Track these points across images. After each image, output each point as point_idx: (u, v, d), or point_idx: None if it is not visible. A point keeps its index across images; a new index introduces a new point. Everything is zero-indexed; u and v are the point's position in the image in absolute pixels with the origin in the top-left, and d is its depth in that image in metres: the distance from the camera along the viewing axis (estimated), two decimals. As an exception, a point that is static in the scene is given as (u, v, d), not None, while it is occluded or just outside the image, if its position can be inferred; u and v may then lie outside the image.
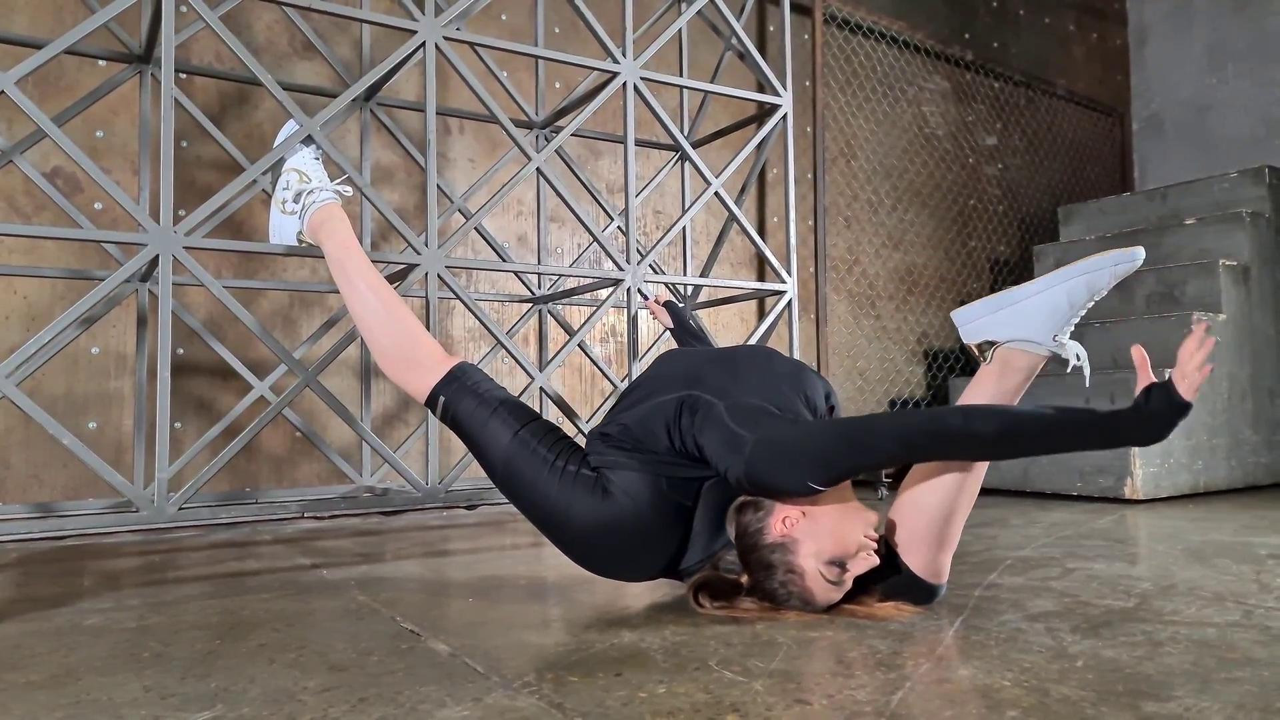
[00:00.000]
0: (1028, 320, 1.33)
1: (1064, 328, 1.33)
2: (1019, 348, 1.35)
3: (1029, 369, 1.35)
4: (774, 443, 1.25)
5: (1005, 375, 1.35)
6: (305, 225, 1.73)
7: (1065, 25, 4.85)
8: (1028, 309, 1.34)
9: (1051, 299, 1.32)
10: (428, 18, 1.90)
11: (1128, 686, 0.98)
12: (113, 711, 0.95)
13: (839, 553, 1.27)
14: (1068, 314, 1.33)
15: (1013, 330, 1.35)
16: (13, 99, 1.52)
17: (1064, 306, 1.32)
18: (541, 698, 0.97)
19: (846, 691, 0.97)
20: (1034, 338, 1.33)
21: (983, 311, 1.38)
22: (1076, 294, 1.32)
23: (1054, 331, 1.33)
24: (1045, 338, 1.33)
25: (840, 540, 1.27)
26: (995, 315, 1.36)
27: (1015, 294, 1.36)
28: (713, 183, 2.29)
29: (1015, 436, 1.15)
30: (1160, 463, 2.84)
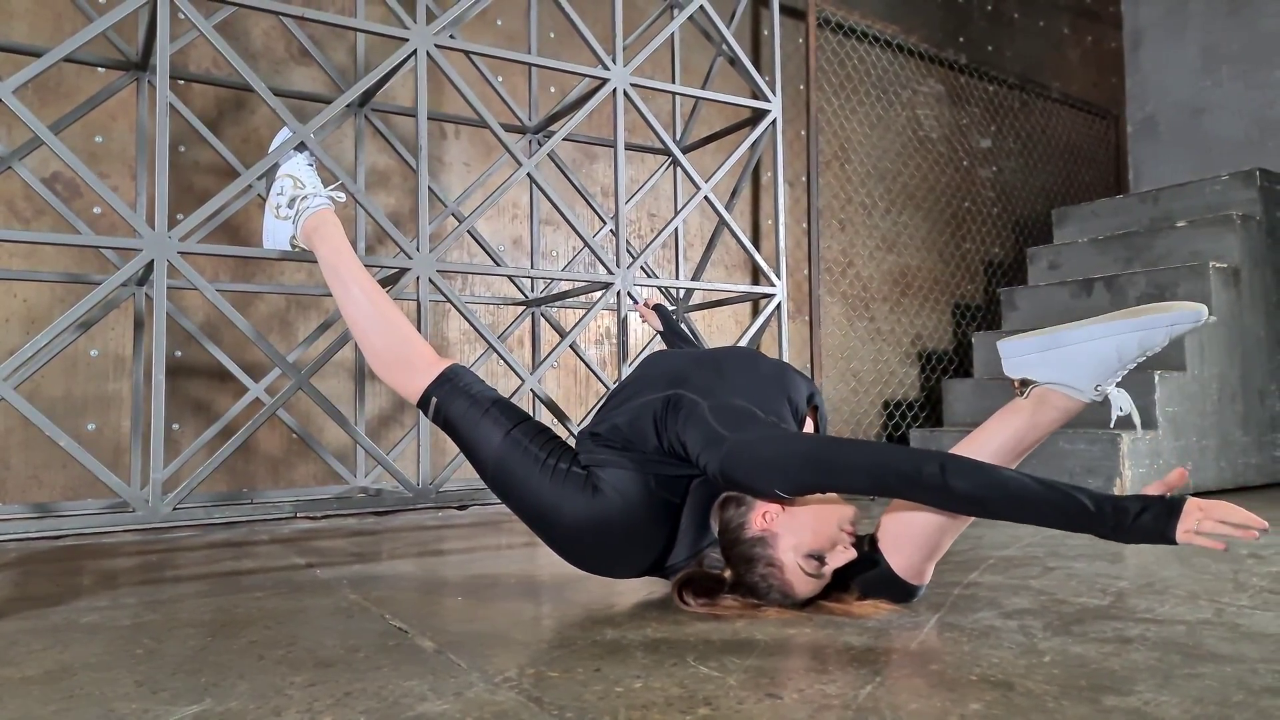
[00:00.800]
0: (1073, 367, 1.31)
1: (1108, 379, 1.30)
2: (1058, 390, 1.33)
3: (1065, 410, 1.33)
4: (751, 445, 1.28)
5: (1040, 412, 1.33)
6: (299, 230, 1.76)
7: (1060, 28, 4.87)
8: (1074, 355, 1.31)
9: (1100, 350, 1.29)
10: (419, 26, 1.93)
11: (1091, 681, 1.01)
12: (104, 705, 0.98)
13: (817, 546, 1.30)
14: (1115, 366, 1.30)
15: (1055, 374, 1.32)
16: (11, 108, 1.55)
17: (1112, 359, 1.29)
18: (521, 692, 1.00)
19: (817, 686, 1.00)
20: (1076, 384, 1.31)
21: (1029, 349, 1.35)
22: (1127, 348, 1.29)
23: (1097, 382, 1.30)
24: (1088, 386, 1.31)
25: (818, 534, 1.30)
26: (1041, 355, 1.34)
27: (1063, 337, 1.32)
28: (702, 187, 2.32)
29: (988, 501, 1.14)
30: (1149, 464, 2.87)
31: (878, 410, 3.89)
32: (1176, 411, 3.00)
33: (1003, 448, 1.34)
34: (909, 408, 3.96)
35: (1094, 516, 1.10)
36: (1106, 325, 1.30)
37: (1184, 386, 3.05)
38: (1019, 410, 1.35)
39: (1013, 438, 1.34)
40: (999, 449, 1.34)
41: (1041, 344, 1.34)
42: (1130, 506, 1.09)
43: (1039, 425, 1.33)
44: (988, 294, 4.34)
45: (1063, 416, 1.33)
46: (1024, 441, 1.34)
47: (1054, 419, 1.33)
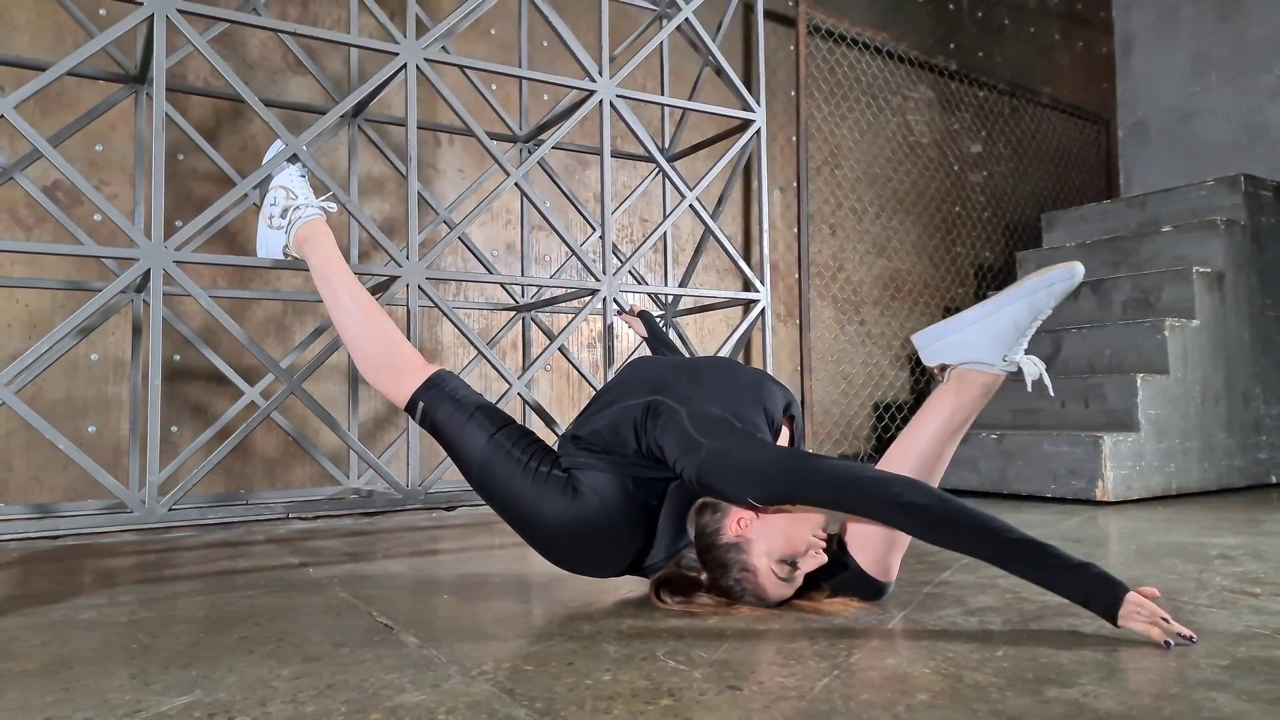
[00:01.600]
0: (977, 343, 1.40)
1: (1014, 347, 1.39)
2: (972, 368, 1.41)
3: (985, 386, 1.41)
4: (727, 453, 1.34)
5: (962, 391, 1.42)
6: (291, 240, 1.81)
7: (1051, 34, 4.92)
8: (976, 333, 1.41)
9: (997, 323, 1.39)
10: (409, 40, 1.98)
11: (1037, 674, 1.06)
12: (100, 697, 1.03)
13: (789, 551, 1.35)
14: (1015, 335, 1.39)
15: (965, 353, 1.41)
16: (13, 123, 1.61)
17: (1010, 329, 1.39)
18: (495, 684, 1.05)
19: (777, 679, 1.05)
20: (984, 359, 1.40)
21: (937, 336, 1.45)
22: (1020, 317, 1.38)
23: (1003, 352, 1.39)
24: (995, 359, 1.39)
25: (790, 540, 1.35)
26: (948, 339, 1.43)
27: (963, 319, 1.42)
28: (687, 196, 2.37)
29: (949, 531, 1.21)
30: (1131, 465, 2.91)
31: (868, 412, 3.94)
32: (1159, 414, 3.05)
33: (939, 430, 1.41)
34: (898, 410, 4.01)
35: (1049, 576, 1.19)
36: (996, 300, 1.40)
37: (1167, 389, 3.10)
38: (944, 394, 1.43)
39: (945, 420, 1.41)
40: (937, 431, 1.41)
41: (945, 329, 1.44)
42: (1088, 576, 1.18)
43: (965, 404, 1.41)
44: (978, 297, 4.39)
45: (984, 391, 1.42)
46: (955, 421, 1.42)
47: (977, 395, 1.41)
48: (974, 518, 1.21)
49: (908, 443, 1.43)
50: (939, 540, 1.22)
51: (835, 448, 3.83)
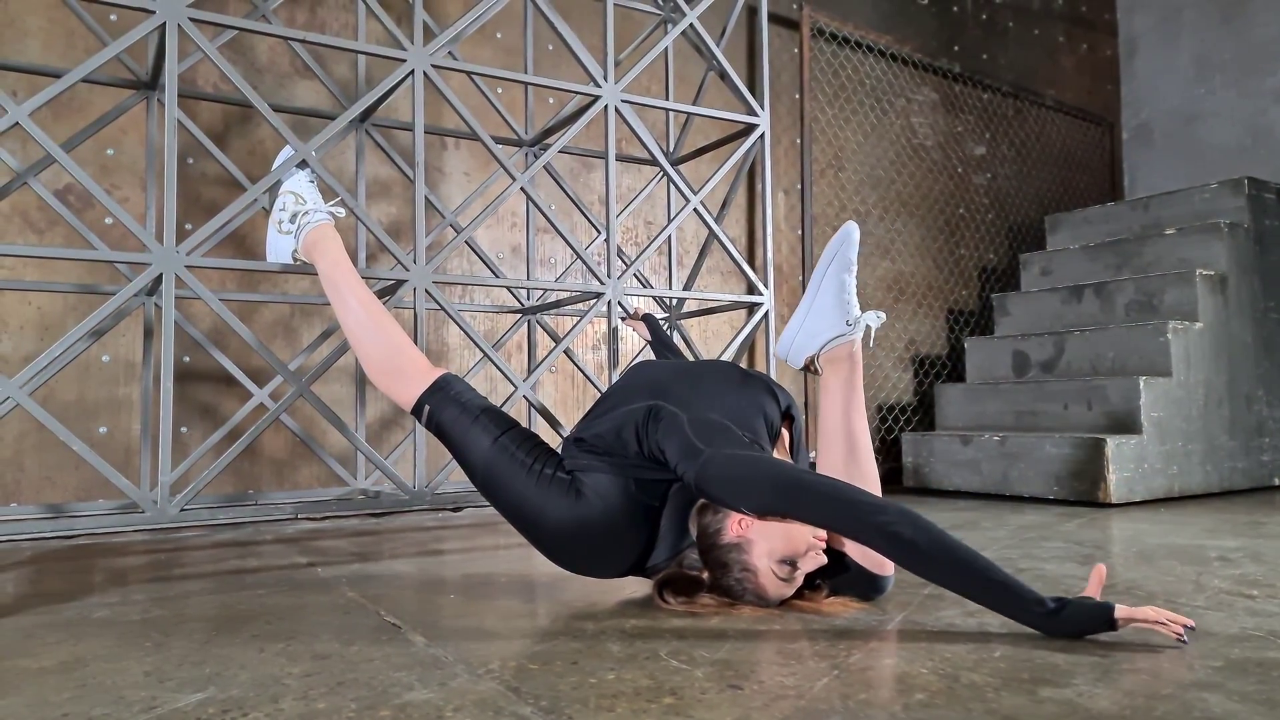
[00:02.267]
0: (820, 325, 1.56)
1: (848, 309, 1.55)
2: (831, 346, 1.56)
3: (849, 356, 1.56)
4: (726, 462, 1.37)
5: (837, 371, 1.55)
6: (300, 244, 1.84)
7: (1055, 37, 4.93)
8: (815, 318, 1.57)
9: (824, 301, 1.56)
10: (416, 47, 2.01)
11: (1033, 675, 1.08)
12: (115, 693, 1.06)
13: (789, 552, 1.37)
14: (843, 297, 1.55)
15: (817, 339, 1.57)
16: (27, 130, 1.63)
17: (835, 298, 1.56)
18: (501, 682, 1.07)
19: (777, 678, 1.07)
20: (834, 333, 1.55)
21: (789, 340, 1.61)
22: (836, 281, 1.56)
23: (844, 318, 1.55)
24: (841, 327, 1.55)
25: (790, 541, 1.37)
26: (799, 338, 1.59)
27: (798, 316, 1.60)
28: (691, 200, 2.40)
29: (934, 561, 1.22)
30: (1134, 468, 2.93)
31: (871, 413, 3.96)
32: (1162, 416, 3.06)
33: (840, 412, 1.53)
34: (902, 411, 4.02)
35: (1031, 601, 1.22)
36: (812, 283, 1.59)
37: (1170, 392, 3.11)
38: (825, 382, 1.56)
39: (840, 401, 1.54)
40: (839, 414, 1.52)
41: (791, 331, 1.61)
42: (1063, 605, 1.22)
43: (844, 378, 1.54)
44: (981, 299, 4.40)
45: (851, 360, 1.56)
46: (847, 397, 1.53)
47: (848, 367, 1.55)
48: (959, 557, 1.22)
49: (824, 436, 1.54)
50: (923, 573, 1.24)
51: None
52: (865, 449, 1.50)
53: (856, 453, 1.49)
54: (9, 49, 2.41)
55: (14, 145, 2.39)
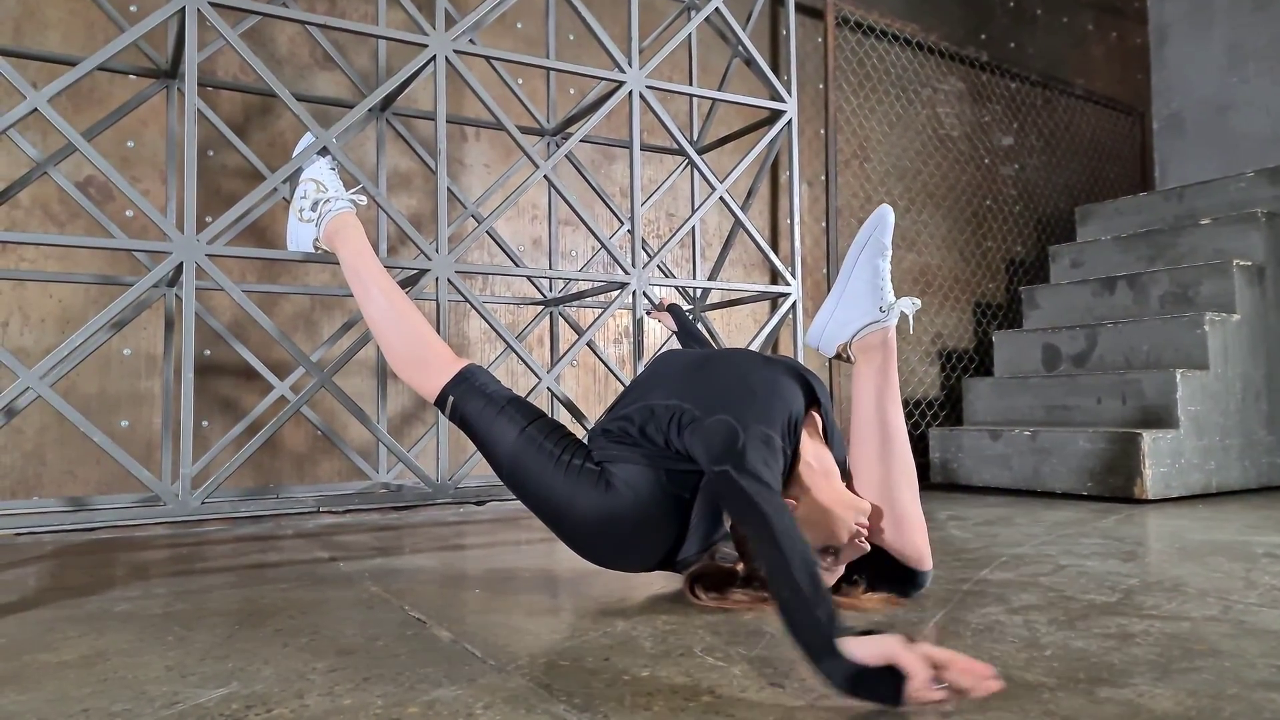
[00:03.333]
0: (853, 311, 1.50)
1: (882, 296, 1.48)
2: (865, 334, 1.49)
3: (883, 343, 1.49)
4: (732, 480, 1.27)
5: (870, 359, 1.48)
6: (321, 233, 1.81)
7: (1084, 24, 4.84)
8: (847, 305, 1.51)
9: (857, 286, 1.50)
10: (438, 32, 1.97)
11: (1089, 674, 1.03)
12: (137, 688, 1.03)
13: (829, 541, 1.33)
14: (877, 283, 1.49)
15: (850, 326, 1.51)
16: (47, 117, 1.61)
17: (869, 283, 1.49)
18: (532, 679, 1.04)
19: (819, 676, 1.03)
20: (867, 320, 1.49)
21: (821, 328, 1.55)
22: (870, 266, 1.49)
23: (877, 304, 1.48)
24: (875, 313, 1.48)
25: (830, 529, 1.33)
26: (830, 323, 1.53)
27: (830, 302, 1.54)
28: (718, 188, 2.35)
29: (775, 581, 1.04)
30: (1171, 463, 2.86)
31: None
32: (1198, 410, 2.98)
33: (874, 401, 1.45)
34: (929, 406, 3.96)
35: (812, 645, 0.94)
36: (845, 269, 1.52)
37: (1207, 385, 3.03)
38: (859, 371, 1.50)
39: (874, 390, 1.46)
40: (873, 403, 1.45)
41: (823, 319, 1.55)
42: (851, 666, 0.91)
43: (879, 368, 1.47)
44: (1009, 292, 4.33)
45: (885, 348, 1.49)
46: (881, 385, 1.46)
47: (882, 355, 1.48)
48: (783, 580, 1.00)
49: (857, 428, 1.47)
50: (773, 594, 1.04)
51: (864, 444, 3.79)
52: (901, 441, 1.45)
53: (891, 444, 1.43)
54: (29, 40, 2.39)
55: (35, 137, 2.38)
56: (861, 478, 1.43)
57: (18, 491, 2.32)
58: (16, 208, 2.36)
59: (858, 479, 1.44)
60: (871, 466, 1.43)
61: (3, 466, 2.32)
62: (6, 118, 1.60)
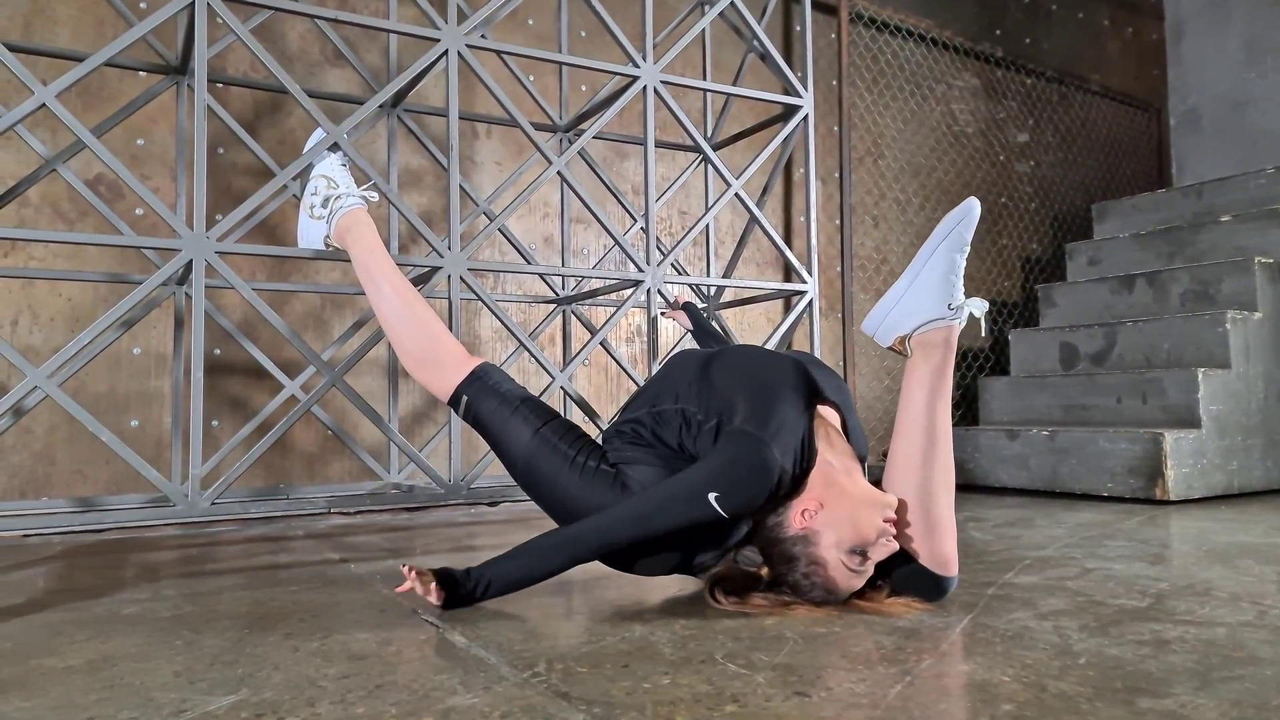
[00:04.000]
0: (920, 305, 1.41)
1: (953, 294, 1.40)
2: (928, 329, 1.41)
3: (945, 342, 1.41)
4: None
5: (929, 356, 1.40)
6: (332, 230, 1.78)
7: (1099, 20, 4.79)
8: (914, 296, 1.42)
9: (928, 279, 1.41)
10: (450, 26, 1.95)
11: (1126, 683, 0.99)
12: (144, 695, 1.00)
13: (859, 541, 1.30)
14: (950, 279, 1.40)
15: (914, 318, 1.42)
16: (55, 112, 1.59)
17: (941, 278, 1.40)
18: (549, 687, 1.01)
19: (846, 685, 0.99)
20: (933, 315, 1.40)
21: (881, 315, 1.46)
22: (947, 259, 1.40)
23: (946, 301, 1.40)
24: (942, 310, 1.40)
25: (858, 529, 1.29)
26: (893, 313, 1.44)
27: (897, 290, 1.44)
28: (732, 184, 2.32)
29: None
30: (1193, 463, 2.81)
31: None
32: (1221, 410, 2.93)
33: (926, 401, 1.39)
34: (944, 406, 3.91)
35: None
36: (920, 257, 1.42)
37: (1229, 384, 2.98)
38: (914, 365, 1.42)
39: (927, 389, 1.39)
40: (924, 403, 1.39)
41: (885, 306, 1.45)
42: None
43: (936, 367, 1.40)
44: (1025, 291, 4.28)
45: (946, 347, 1.41)
46: (935, 385, 1.39)
47: (942, 354, 1.40)
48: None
49: (904, 424, 1.40)
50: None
51: (880, 443, 3.74)
52: (946, 445, 1.39)
53: (936, 447, 1.37)
54: (39, 36, 2.38)
55: (44, 135, 2.36)
56: (898, 477, 1.38)
57: (27, 491, 2.31)
58: (26, 205, 2.35)
59: (893, 477, 1.39)
60: (912, 468, 1.38)
61: (12, 466, 2.30)
62: (14, 113, 1.58)
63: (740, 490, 1.29)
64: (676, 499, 1.31)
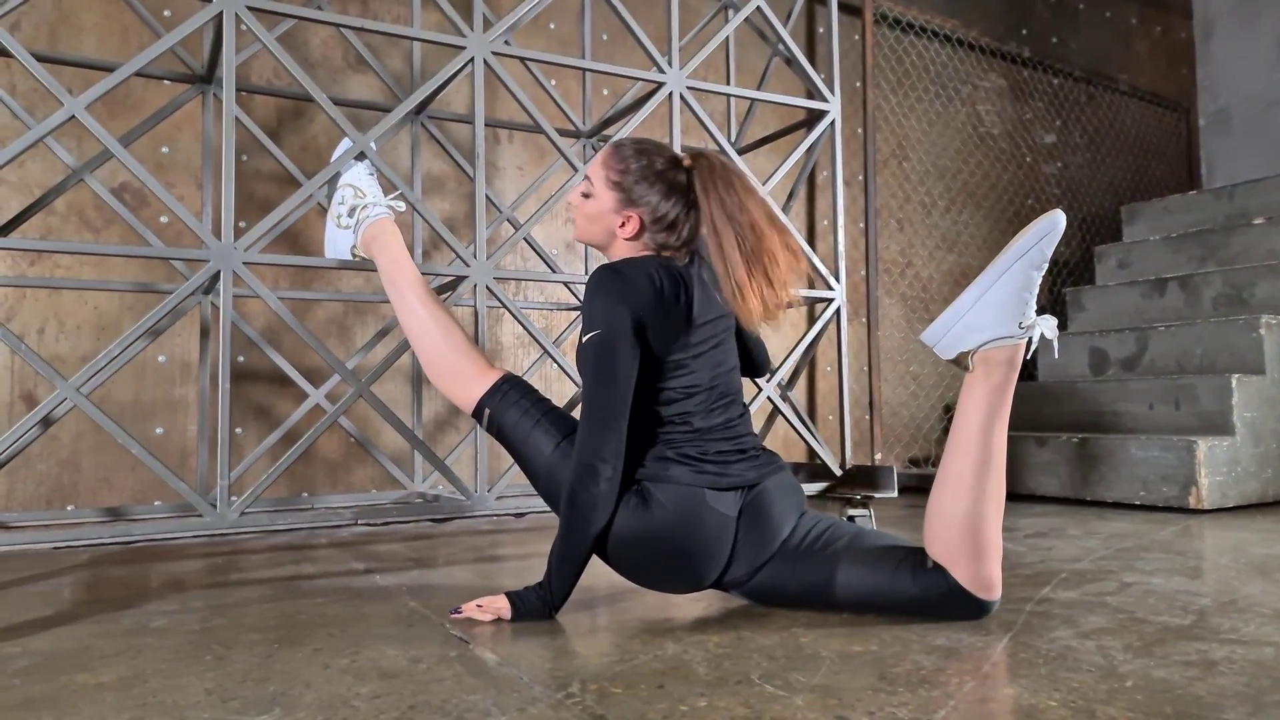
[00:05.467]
0: (988, 320, 1.34)
1: (1025, 311, 1.34)
2: (993, 346, 1.35)
3: (1009, 361, 1.35)
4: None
5: (991, 374, 1.35)
6: (359, 239, 1.77)
7: (1127, 19, 4.72)
8: (982, 310, 1.35)
9: (1000, 293, 1.34)
10: (476, 33, 1.93)
11: (1177, 708, 0.96)
12: (177, 714, 0.99)
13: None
14: (1024, 296, 1.34)
15: (980, 334, 1.35)
16: (84, 123, 1.59)
17: (1014, 294, 1.33)
18: (584, 709, 0.99)
19: (888, 709, 0.97)
20: (1001, 333, 1.34)
21: (946, 327, 1.39)
22: (1021, 279, 1.33)
23: (1017, 319, 1.33)
24: (1011, 328, 1.33)
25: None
26: (957, 327, 1.38)
27: (964, 302, 1.37)
28: (758, 189, 2.29)
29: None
30: (1227, 471, 2.75)
31: (938, 414, 3.81)
32: (1255, 417, 2.88)
33: (983, 421, 1.34)
34: (969, 411, 3.87)
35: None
36: (994, 269, 1.34)
37: (1263, 391, 2.93)
38: (974, 382, 1.36)
39: (985, 409, 1.34)
40: (981, 423, 1.34)
41: (952, 317, 1.38)
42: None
43: (997, 387, 1.34)
44: (1052, 294, 4.22)
45: (1010, 367, 1.35)
46: (995, 405, 1.34)
47: (1004, 374, 1.34)
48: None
49: (957, 442, 1.35)
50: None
51: (905, 451, 3.71)
52: (1000, 466, 1.35)
53: (990, 468, 1.33)
54: (64, 45, 2.39)
55: (70, 143, 2.37)
56: (947, 496, 1.34)
57: (53, 500, 2.32)
58: (52, 214, 2.36)
59: (942, 496, 1.35)
60: (963, 488, 1.33)
61: (39, 475, 2.31)
62: (43, 125, 1.58)
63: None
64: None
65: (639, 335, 1.41)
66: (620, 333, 1.39)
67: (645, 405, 1.46)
